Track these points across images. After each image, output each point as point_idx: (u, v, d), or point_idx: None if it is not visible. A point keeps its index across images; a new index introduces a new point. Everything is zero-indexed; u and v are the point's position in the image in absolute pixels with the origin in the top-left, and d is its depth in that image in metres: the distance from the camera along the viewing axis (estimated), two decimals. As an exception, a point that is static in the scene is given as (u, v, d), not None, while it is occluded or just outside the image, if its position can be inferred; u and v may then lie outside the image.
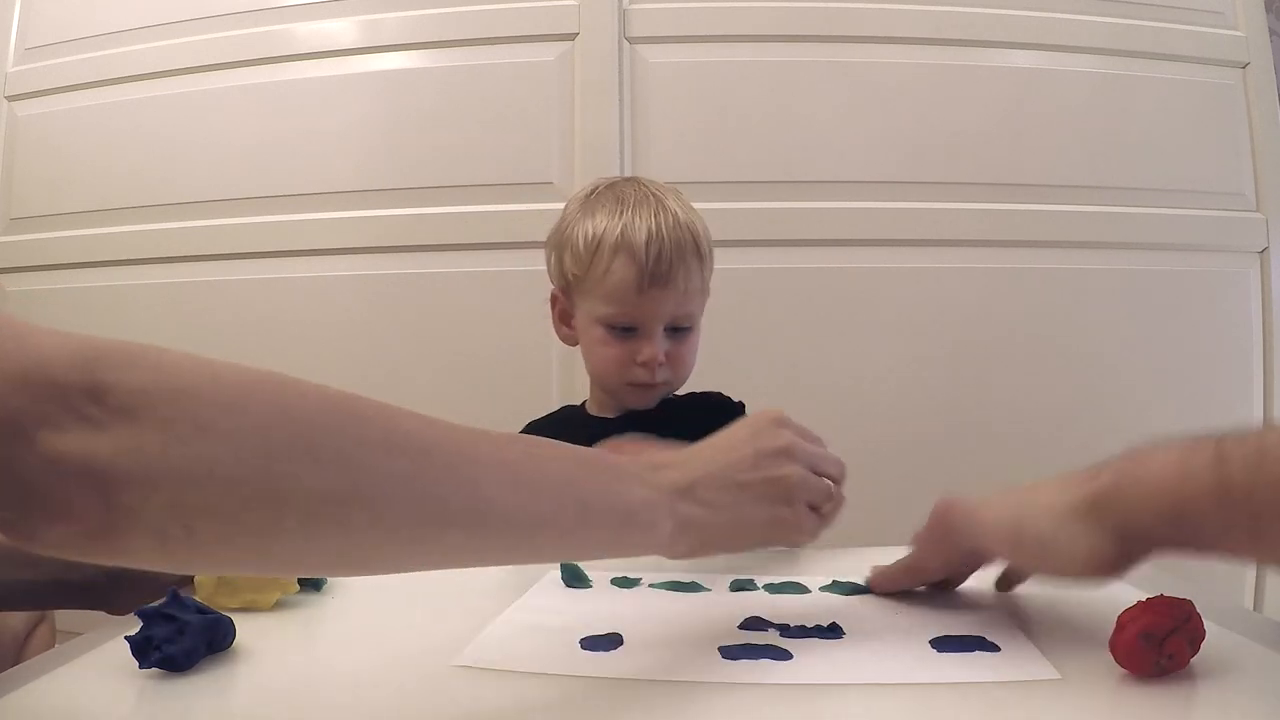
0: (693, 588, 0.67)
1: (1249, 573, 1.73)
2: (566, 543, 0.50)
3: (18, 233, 1.92)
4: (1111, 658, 0.47)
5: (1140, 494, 0.49)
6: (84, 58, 1.89)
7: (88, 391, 0.36)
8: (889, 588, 0.66)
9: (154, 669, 0.51)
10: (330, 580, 0.70)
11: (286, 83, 1.79)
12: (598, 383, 1.00)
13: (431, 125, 1.74)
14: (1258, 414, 1.73)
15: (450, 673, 0.51)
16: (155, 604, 0.53)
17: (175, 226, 1.81)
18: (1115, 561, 0.51)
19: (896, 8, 1.73)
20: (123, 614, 0.63)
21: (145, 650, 0.51)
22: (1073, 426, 1.69)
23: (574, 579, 0.69)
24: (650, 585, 0.68)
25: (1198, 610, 0.48)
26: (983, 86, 1.73)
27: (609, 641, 0.54)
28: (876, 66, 1.72)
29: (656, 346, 0.93)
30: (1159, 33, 1.77)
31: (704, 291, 0.97)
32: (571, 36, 1.73)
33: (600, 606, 0.63)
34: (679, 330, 0.95)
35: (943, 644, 0.53)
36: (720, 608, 0.60)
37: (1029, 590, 0.65)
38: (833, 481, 0.60)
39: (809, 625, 0.57)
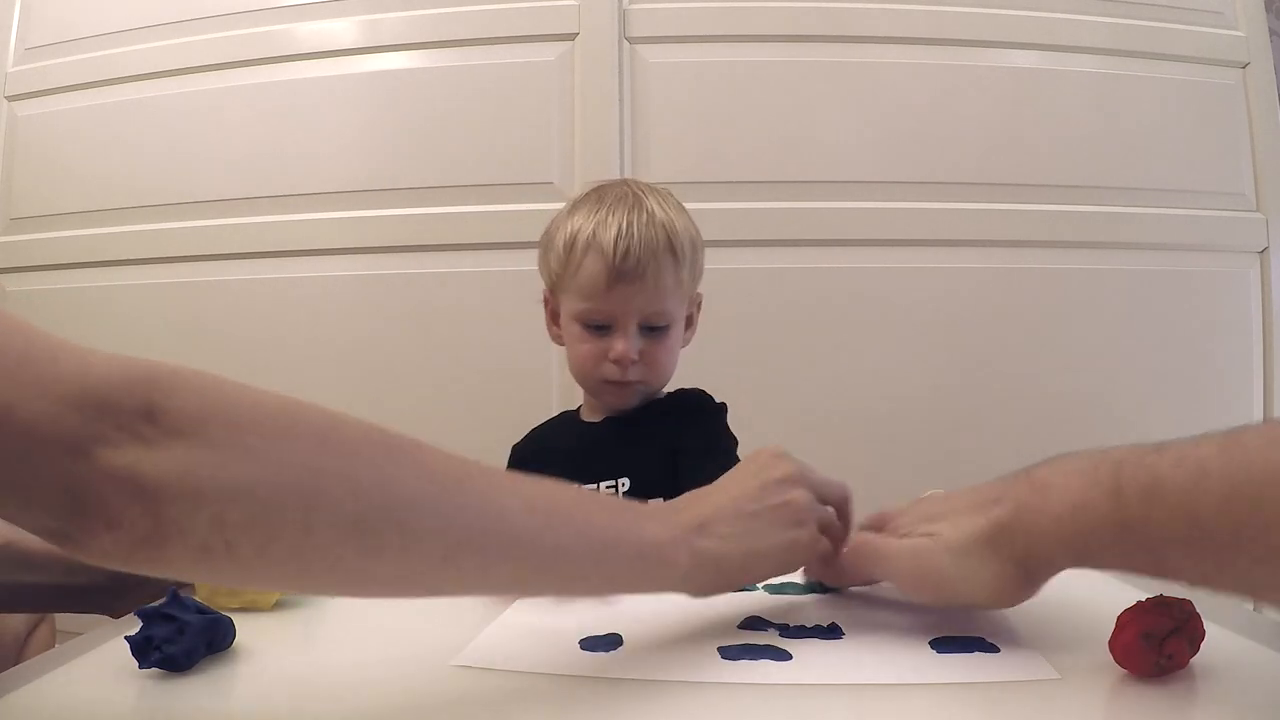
0: None
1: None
2: (589, 576, 0.51)
3: (18, 233, 1.92)
4: (1111, 658, 0.47)
5: (1040, 526, 0.50)
6: (84, 58, 1.89)
7: (143, 412, 0.39)
8: (833, 580, 0.67)
9: (154, 669, 0.51)
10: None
11: (286, 83, 1.79)
12: (577, 382, 1.00)
13: (431, 125, 1.74)
14: (1258, 414, 1.73)
15: (449, 673, 0.51)
16: (155, 604, 0.53)
17: (175, 226, 1.81)
18: (1020, 587, 0.53)
19: (896, 8, 1.73)
20: (123, 617, 0.63)
21: (145, 650, 0.51)
22: (1073, 426, 1.69)
23: None
24: None
25: (1198, 610, 0.48)
26: (983, 86, 1.73)
27: (608, 642, 0.54)
28: (876, 66, 1.72)
29: (629, 343, 0.93)
30: (1159, 33, 1.77)
31: (680, 290, 0.96)
32: (571, 36, 1.73)
33: (599, 608, 0.62)
34: (655, 329, 0.95)
35: (942, 644, 0.53)
36: (719, 608, 0.60)
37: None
38: (835, 508, 0.61)
39: (808, 625, 0.57)
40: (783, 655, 0.52)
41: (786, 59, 1.73)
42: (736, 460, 0.91)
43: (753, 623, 0.58)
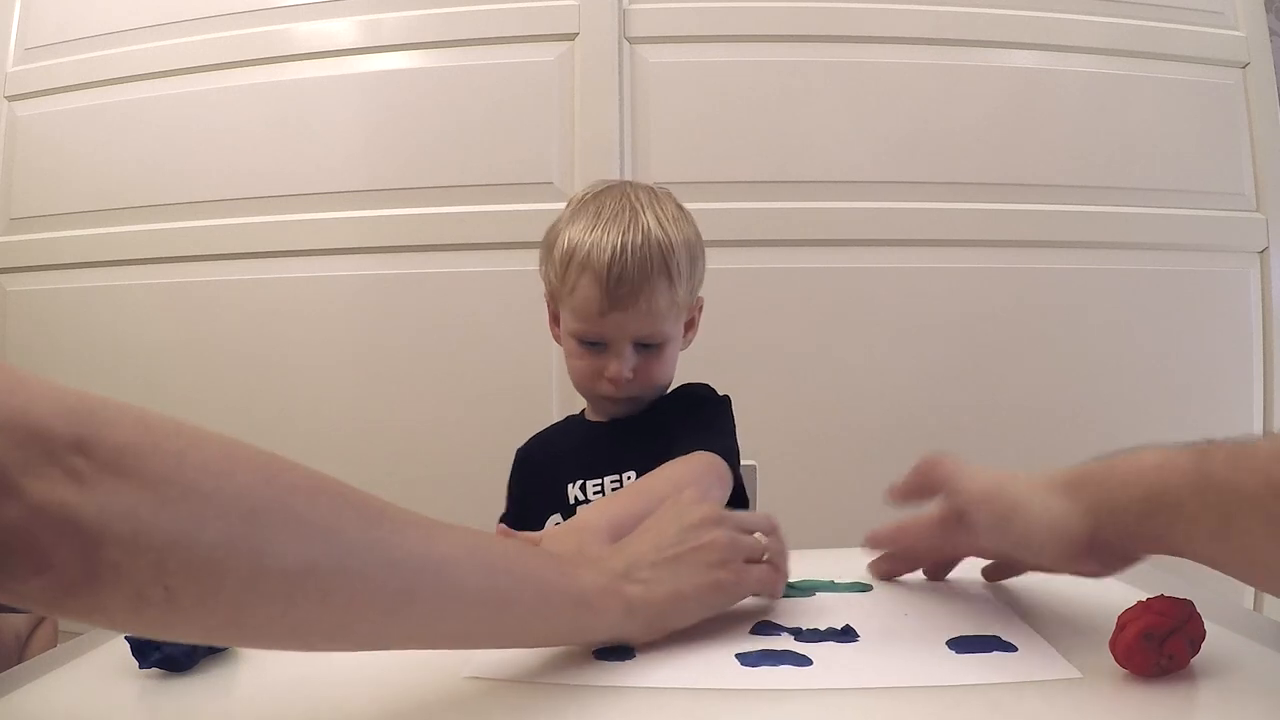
0: None
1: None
2: (531, 626, 0.50)
3: (18, 233, 1.92)
4: (1112, 658, 0.47)
5: (1120, 476, 0.50)
6: (84, 58, 1.89)
7: (75, 445, 0.35)
8: (885, 572, 0.68)
9: (154, 669, 0.51)
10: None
11: (286, 83, 1.79)
12: (575, 389, 1.01)
13: (431, 125, 1.74)
14: (1258, 414, 1.73)
15: (450, 673, 0.51)
16: (155, 604, 0.53)
17: (175, 226, 1.81)
18: (1080, 537, 0.52)
19: (896, 8, 1.73)
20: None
21: (145, 650, 0.51)
22: (1073, 426, 1.69)
23: None
24: None
25: (1198, 610, 0.48)
26: (983, 86, 1.73)
27: (622, 651, 0.53)
28: (876, 66, 1.72)
29: (622, 364, 0.93)
30: (1159, 33, 1.77)
31: (676, 309, 0.95)
32: (571, 36, 1.73)
33: None
34: (649, 346, 0.95)
35: (960, 645, 0.53)
36: (728, 613, 0.59)
37: (1029, 589, 0.65)
38: (763, 534, 0.61)
39: (822, 629, 0.56)
40: (803, 660, 0.51)
41: (786, 59, 1.73)
42: (728, 444, 0.92)
43: (765, 627, 0.57)
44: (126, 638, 0.52)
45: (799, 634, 0.56)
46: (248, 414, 1.71)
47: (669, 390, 1.01)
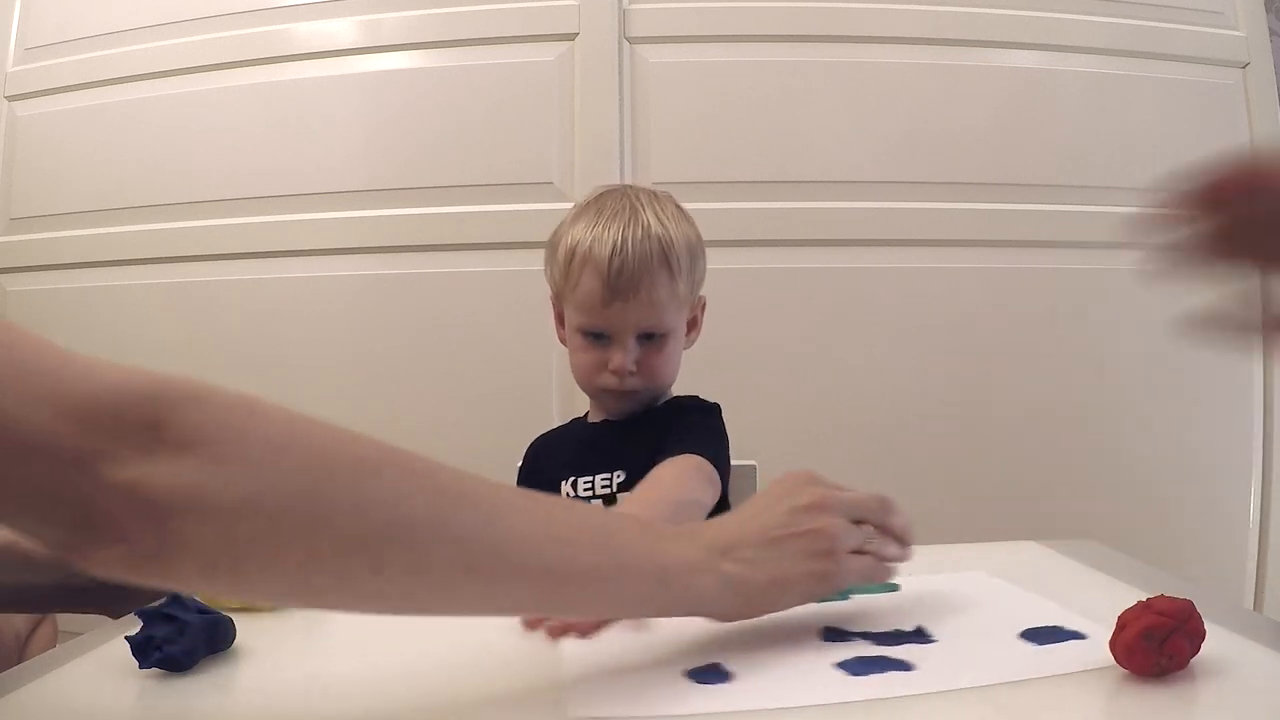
0: None
1: (1249, 572, 1.73)
2: (603, 596, 0.50)
3: (18, 233, 1.92)
4: (1112, 658, 0.47)
5: None
6: (84, 58, 1.88)
7: (148, 426, 0.38)
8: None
9: (154, 669, 0.51)
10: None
11: (286, 83, 1.79)
12: (579, 386, 1.03)
13: (431, 125, 1.74)
14: (1258, 414, 1.73)
15: (450, 673, 0.51)
16: (156, 604, 0.53)
17: (175, 226, 1.81)
18: None
19: (896, 8, 1.73)
20: (123, 617, 0.63)
21: (146, 650, 0.51)
22: (1073, 426, 1.69)
23: None
24: None
25: (1198, 610, 0.48)
26: (983, 86, 1.73)
27: (718, 673, 0.50)
28: (876, 66, 1.72)
29: (625, 355, 0.95)
30: (1159, 33, 1.77)
31: (677, 301, 0.97)
32: (571, 36, 1.73)
33: (656, 632, 0.58)
34: (652, 338, 0.97)
35: (1033, 636, 0.53)
36: (789, 622, 0.56)
37: (1028, 589, 0.65)
38: (878, 526, 0.59)
39: (891, 631, 0.55)
40: (905, 666, 0.50)
41: (786, 59, 1.72)
42: (719, 450, 0.93)
43: (835, 635, 0.56)
44: (126, 637, 0.52)
45: (874, 638, 0.54)
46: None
47: (663, 401, 1.03)
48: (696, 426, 0.97)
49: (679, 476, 0.85)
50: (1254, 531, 1.74)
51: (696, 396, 1.04)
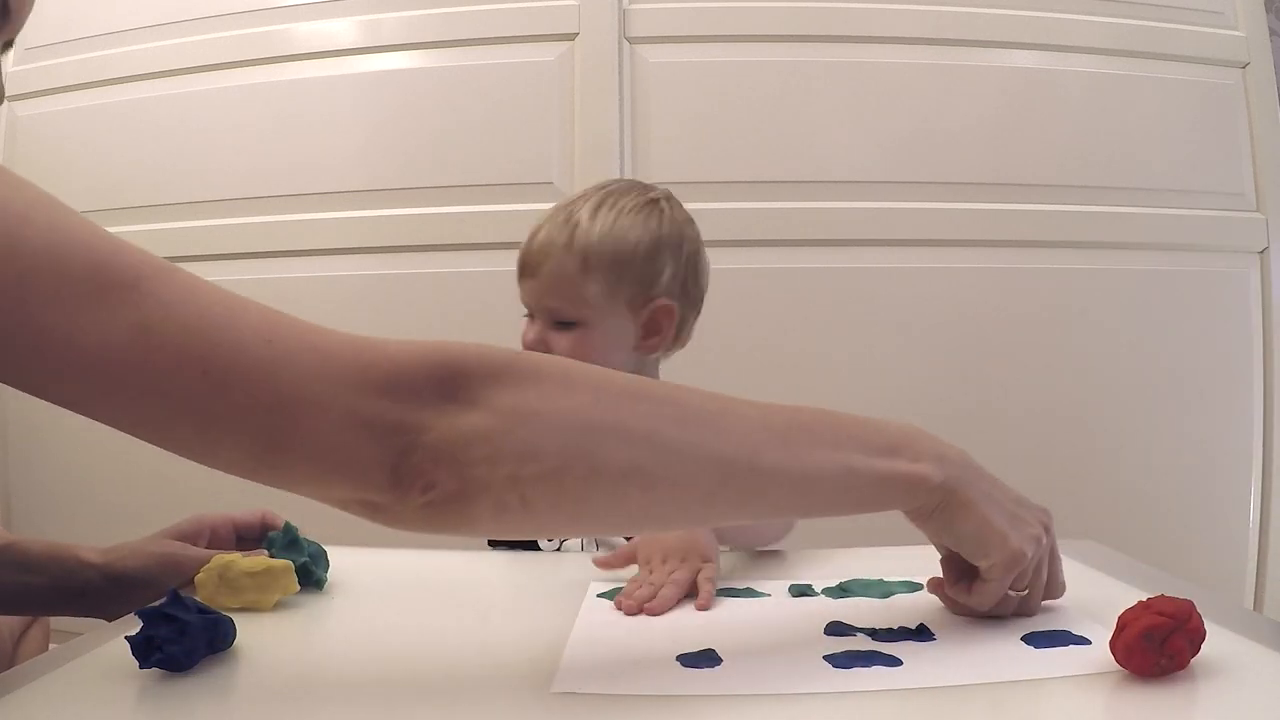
0: (748, 593, 0.66)
1: (1249, 572, 1.73)
2: (833, 503, 0.55)
3: (18, 233, 1.91)
4: (1112, 658, 0.47)
5: None
6: (84, 58, 1.88)
7: (445, 389, 0.46)
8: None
9: (154, 669, 0.51)
10: (330, 580, 0.70)
11: (286, 83, 1.79)
12: None
13: (431, 125, 1.74)
14: (1258, 414, 1.73)
15: (450, 672, 0.51)
16: (155, 604, 0.53)
17: (175, 226, 1.81)
18: None
19: (896, 8, 1.73)
20: (118, 620, 0.63)
21: (145, 650, 0.51)
22: (1073, 426, 1.69)
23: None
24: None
25: (1198, 610, 0.48)
26: (983, 86, 1.73)
27: (708, 658, 0.52)
28: (876, 66, 1.72)
29: (534, 331, 0.99)
30: (1159, 33, 1.77)
31: (586, 292, 0.95)
32: (571, 36, 1.73)
33: (665, 619, 0.61)
34: (564, 325, 0.98)
35: (1036, 640, 0.53)
36: (796, 615, 0.58)
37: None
38: (1042, 596, 0.58)
39: (895, 629, 0.56)
40: (893, 661, 0.51)
41: (786, 59, 1.73)
42: None
43: (839, 628, 0.56)
44: (126, 637, 0.52)
45: (875, 634, 0.55)
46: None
47: None
48: None
49: None
50: (1254, 531, 1.74)
51: None
